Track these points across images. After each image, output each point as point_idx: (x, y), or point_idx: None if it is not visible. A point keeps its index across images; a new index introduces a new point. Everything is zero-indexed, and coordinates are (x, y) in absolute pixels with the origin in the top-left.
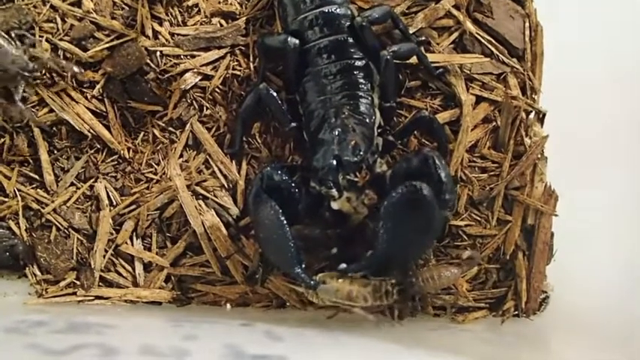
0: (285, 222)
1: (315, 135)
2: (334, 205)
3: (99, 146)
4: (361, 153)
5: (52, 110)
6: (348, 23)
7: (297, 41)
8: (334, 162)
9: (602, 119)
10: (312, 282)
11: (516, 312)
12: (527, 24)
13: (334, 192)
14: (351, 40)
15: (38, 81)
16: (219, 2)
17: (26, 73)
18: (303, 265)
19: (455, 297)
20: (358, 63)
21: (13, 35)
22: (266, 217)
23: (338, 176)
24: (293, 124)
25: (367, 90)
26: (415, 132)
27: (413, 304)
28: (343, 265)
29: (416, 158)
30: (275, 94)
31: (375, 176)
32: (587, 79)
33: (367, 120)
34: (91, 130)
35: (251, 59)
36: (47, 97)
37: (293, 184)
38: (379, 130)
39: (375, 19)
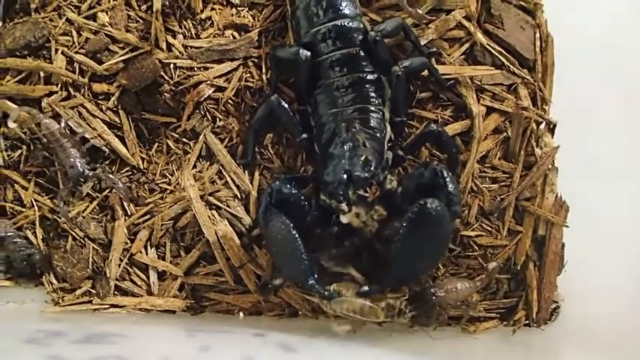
0: (296, 235)
1: (326, 148)
2: (343, 219)
3: (113, 157)
4: (372, 168)
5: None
6: (360, 36)
7: (308, 53)
8: (345, 177)
9: (614, 128)
10: (326, 293)
11: (527, 322)
12: (537, 35)
13: (344, 206)
14: (363, 53)
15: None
16: (232, 15)
17: (81, 179)
18: (316, 276)
19: (472, 306)
20: (370, 77)
21: (78, 138)
22: (277, 231)
23: (348, 191)
24: (304, 136)
25: (378, 104)
26: (426, 144)
27: (433, 314)
28: (365, 288)
29: (426, 172)
30: (286, 105)
31: (385, 192)
32: (598, 89)
33: (378, 134)
34: (109, 146)
35: (263, 71)
36: (64, 114)
37: (302, 197)
38: (389, 144)
39: (388, 33)
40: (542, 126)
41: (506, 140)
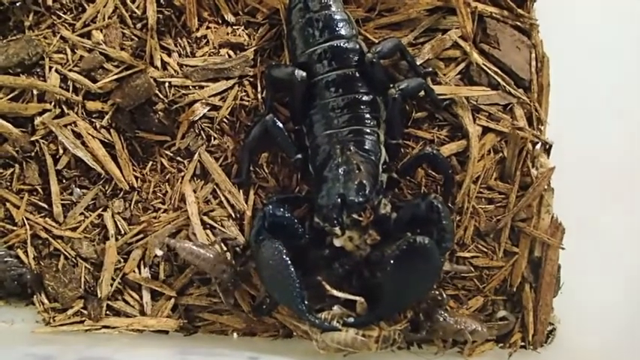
0: (288, 261)
1: (321, 171)
2: (336, 242)
3: (107, 177)
4: (366, 193)
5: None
6: (356, 57)
7: (304, 74)
8: (339, 201)
9: (610, 149)
10: (316, 321)
11: (523, 344)
12: (533, 55)
13: (337, 230)
14: (358, 74)
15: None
16: (228, 33)
17: (234, 278)
18: (306, 302)
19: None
20: (365, 98)
21: (216, 239)
22: (269, 257)
23: (342, 215)
24: (299, 156)
25: (373, 126)
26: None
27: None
28: (351, 319)
29: (423, 203)
30: (281, 125)
31: (378, 217)
32: (595, 110)
33: (372, 157)
34: (104, 167)
35: (259, 90)
36: (60, 133)
37: (295, 220)
38: (384, 167)
39: (384, 54)
40: (538, 146)
41: (502, 160)
